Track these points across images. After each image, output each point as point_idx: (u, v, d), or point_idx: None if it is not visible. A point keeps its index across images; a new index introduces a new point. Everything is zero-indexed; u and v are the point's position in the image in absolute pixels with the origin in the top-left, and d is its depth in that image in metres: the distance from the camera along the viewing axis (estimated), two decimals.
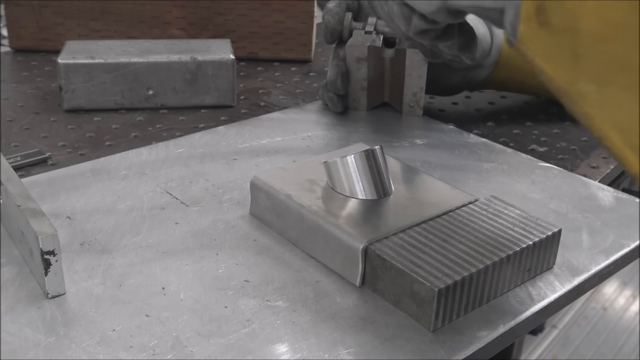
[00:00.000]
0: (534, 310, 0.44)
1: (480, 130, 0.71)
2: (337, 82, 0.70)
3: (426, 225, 0.46)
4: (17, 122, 0.70)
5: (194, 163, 0.61)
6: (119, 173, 0.59)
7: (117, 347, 0.39)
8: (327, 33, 0.71)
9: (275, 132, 0.68)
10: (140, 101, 0.73)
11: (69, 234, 0.50)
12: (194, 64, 0.73)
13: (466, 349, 0.40)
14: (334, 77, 0.70)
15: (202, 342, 0.40)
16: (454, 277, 0.41)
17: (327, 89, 0.71)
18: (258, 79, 0.86)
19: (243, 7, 0.88)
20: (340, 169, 0.49)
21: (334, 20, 0.70)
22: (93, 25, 0.88)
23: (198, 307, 0.43)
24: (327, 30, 0.70)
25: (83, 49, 0.73)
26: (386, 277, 0.43)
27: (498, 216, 0.48)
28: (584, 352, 1.74)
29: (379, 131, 0.68)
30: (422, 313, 0.42)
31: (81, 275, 0.45)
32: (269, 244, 0.49)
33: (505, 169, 0.62)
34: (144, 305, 0.43)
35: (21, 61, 0.88)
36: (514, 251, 0.44)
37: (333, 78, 0.70)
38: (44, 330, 0.40)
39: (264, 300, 0.44)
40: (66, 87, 0.71)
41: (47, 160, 0.62)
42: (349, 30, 0.71)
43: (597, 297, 1.96)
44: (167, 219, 0.52)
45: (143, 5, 0.88)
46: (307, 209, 0.48)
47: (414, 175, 0.53)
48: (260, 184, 0.51)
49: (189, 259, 0.47)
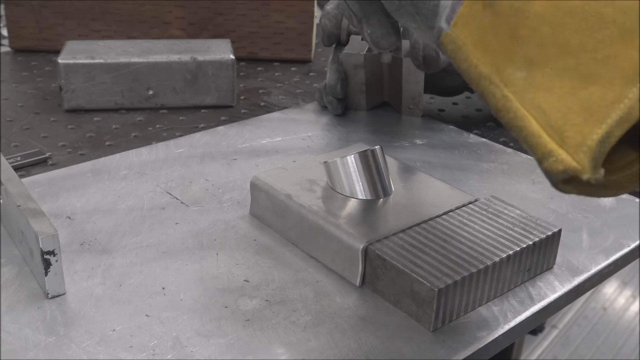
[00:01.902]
0: (534, 310, 0.44)
1: (480, 130, 0.71)
2: (337, 87, 0.69)
3: (426, 225, 0.46)
4: (17, 122, 0.70)
5: (194, 163, 0.61)
6: (119, 173, 0.59)
7: (117, 347, 0.39)
8: (324, 36, 0.70)
9: (275, 132, 0.68)
10: (140, 101, 0.73)
11: (69, 234, 0.50)
12: (194, 64, 0.73)
13: (466, 349, 0.40)
14: (334, 82, 0.69)
15: (202, 342, 0.40)
16: (454, 277, 0.41)
17: (326, 92, 0.71)
18: (258, 79, 0.86)
19: (243, 7, 0.88)
20: (340, 169, 0.49)
21: (331, 24, 0.70)
22: (93, 25, 0.88)
23: (198, 307, 0.43)
24: (324, 33, 0.70)
25: (83, 49, 0.73)
26: (386, 277, 0.43)
27: (498, 216, 0.48)
28: (584, 352, 1.74)
29: (379, 131, 0.68)
30: (422, 313, 0.42)
31: (81, 275, 0.45)
32: (269, 244, 0.49)
33: (505, 169, 0.62)
34: (144, 305, 0.43)
35: (21, 61, 0.88)
36: (514, 251, 0.44)
37: (333, 83, 0.70)
38: (44, 330, 0.40)
39: (264, 300, 0.44)
40: (66, 87, 0.71)
41: (47, 160, 0.62)
42: (346, 33, 0.70)
43: (597, 297, 1.96)
44: (167, 219, 0.52)
45: (143, 5, 0.88)
46: (307, 209, 0.48)
47: (414, 175, 0.53)
48: (260, 184, 0.51)
49: (189, 259, 0.47)
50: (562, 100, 0.32)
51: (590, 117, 0.31)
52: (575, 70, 0.32)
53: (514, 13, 0.34)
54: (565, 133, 0.32)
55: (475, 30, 0.36)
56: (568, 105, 0.32)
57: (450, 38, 0.37)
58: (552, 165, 0.31)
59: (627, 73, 0.30)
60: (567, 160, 0.31)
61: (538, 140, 0.32)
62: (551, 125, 0.32)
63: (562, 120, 0.32)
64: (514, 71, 0.34)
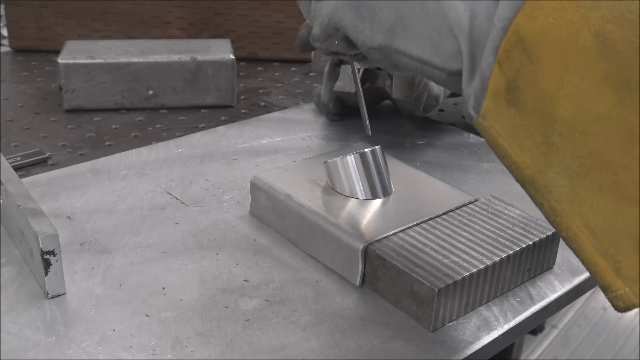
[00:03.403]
0: (534, 310, 0.44)
1: None
2: (329, 105, 0.69)
3: (426, 225, 0.46)
4: (17, 122, 0.70)
5: (194, 163, 0.61)
6: (119, 173, 0.59)
7: (117, 347, 0.39)
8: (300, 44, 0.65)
9: (275, 132, 0.68)
10: (140, 101, 0.73)
11: (69, 234, 0.50)
12: (194, 64, 0.73)
13: (466, 349, 0.40)
14: (327, 102, 0.69)
15: (202, 342, 0.40)
16: (454, 277, 0.41)
17: (321, 104, 0.71)
18: (258, 79, 0.86)
19: (243, 7, 0.88)
20: (340, 169, 0.49)
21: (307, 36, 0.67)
22: (93, 25, 0.88)
23: (198, 307, 0.43)
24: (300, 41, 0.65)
25: (83, 49, 0.73)
26: (386, 277, 0.43)
27: (498, 216, 0.48)
28: (584, 352, 1.74)
29: (379, 131, 0.68)
30: (422, 313, 0.42)
31: (81, 275, 0.45)
32: (269, 244, 0.49)
33: (505, 169, 0.61)
34: (144, 305, 0.43)
35: (21, 61, 0.88)
36: (514, 251, 0.44)
37: (326, 102, 0.70)
38: (44, 330, 0.40)
39: (264, 300, 0.44)
40: (66, 87, 0.71)
41: (47, 160, 0.62)
42: None
43: (597, 297, 1.95)
44: (167, 219, 0.52)
45: (143, 5, 0.88)
46: (307, 209, 0.48)
47: (414, 175, 0.53)
48: (260, 184, 0.51)
49: (189, 259, 0.47)
50: (609, 221, 0.31)
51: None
52: (615, 188, 0.30)
53: (540, 115, 0.32)
54: (619, 263, 0.30)
55: (506, 126, 0.34)
56: (616, 229, 0.30)
57: (483, 127, 0.35)
58: (614, 300, 0.31)
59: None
60: (627, 296, 0.30)
61: (594, 269, 0.31)
62: (604, 252, 0.31)
63: (614, 248, 0.31)
64: (555, 176, 0.32)
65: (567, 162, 0.31)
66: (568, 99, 0.31)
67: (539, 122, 0.32)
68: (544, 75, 0.32)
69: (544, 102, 0.32)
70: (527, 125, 0.33)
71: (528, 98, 0.32)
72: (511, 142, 0.34)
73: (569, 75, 0.31)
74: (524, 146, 0.33)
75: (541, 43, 0.32)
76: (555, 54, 0.31)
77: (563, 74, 0.31)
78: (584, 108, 0.31)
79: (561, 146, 0.31)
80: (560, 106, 0.31)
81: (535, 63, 0.32)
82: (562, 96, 0.31)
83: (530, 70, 0.32)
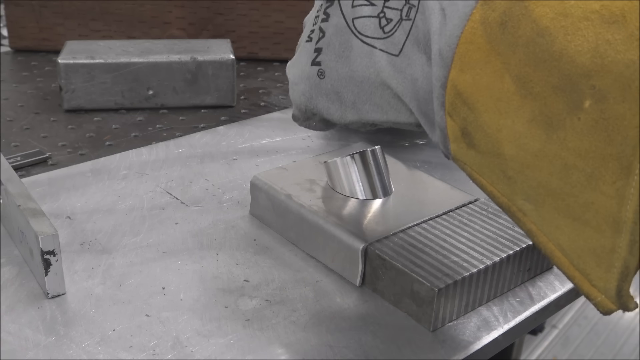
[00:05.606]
0: (534, 310, 0.44)
1: None
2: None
3: (426, 225, 0.46)
4: (17, 122, 0.70)
5: (194, 163, 0.61)
6: (119, 173, 0.59)
7: (117, 347, 0.39)
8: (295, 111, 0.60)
9: (275, 132, 0.68)
10: (140, 101, 0.73)
11: (69, 234, 0.50)
12: (194, 64, 0.73)
13: (466, 349, 0.40)
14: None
15: (202, 342, 0.40)
16: (454, 277, 0.41)
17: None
18: (258, 79, 0.86)
19: (243, 7, 0.88)
20: (340, 169, 0.49)
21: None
22: (93, 25, 0.88)
23: (198, 307, 0.43)
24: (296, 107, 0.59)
25: (83, 49, 0.73)
26: (386, 277, 0.43)
27: (498, 216, 0.48)
28: (584, 352, 1.74)
29: (379, 131, 0.68)
30: (422, 313, 0.42)
31: (81, 275, 0.45)
32: (269, 244, 0.49)
33: None
34: (144, 305, 0.43)
35: (21, 61, 0.88)
36: (514, 251, 0.44)
37: None
38: (44, 330, 0.40)
39: (264, 300, 0.44)
40: (66, 87, 0.71)
41: (47, 160, 0.62)
42: None
43: None
44: (167, 219, 0.52)
45: (143, 5, 0.88)
46: (307, 209, 0.48)
47: (414, 175, 0.53)
48: (260, 184, 0.51)
49: (189, 259, 0.47)
50: (573, 241, 0.33)
51: (601, 262, 0.32)
52: (568, 211, 0.33)
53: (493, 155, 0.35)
54: (590, 276, 0.33)
55: (474, 165, 0.37)
56: (579, 247, 0.33)
57: (459, 164, 0.38)
58: (596, 307, 0.33)
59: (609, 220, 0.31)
60: (604, 302, 0.33)
61: (574, 280, 0.34)
62: (576, 267, 0.33)
63: (583, 264, 0.33)
64: (523, 202, 0.35)
65: (526, 191, 0.34)
66: (508, 140, 0.34)
67: (494, 160, 0.35)
68: (485, 121, 0.35)
69: (492, 144, 0.35)
70: (488, 163, 0.35)
71: (480, 141, 0.35)
72: (482, 177, 0.37)
73: (504, 120, 0.34)
74: (491, 180, 0.36)
75: (475, 94, 0.35)
76: (488, 101, 0.34)
77: (499, 118, 0.34)
78: (523, 147, 0.33)
79: (517, 179, 0.34)
80: (505, 146, 0.34)
81: (475, 112, 0.35)
82: (504, 138, 0.34)
83: (473, 118, 0.35)
